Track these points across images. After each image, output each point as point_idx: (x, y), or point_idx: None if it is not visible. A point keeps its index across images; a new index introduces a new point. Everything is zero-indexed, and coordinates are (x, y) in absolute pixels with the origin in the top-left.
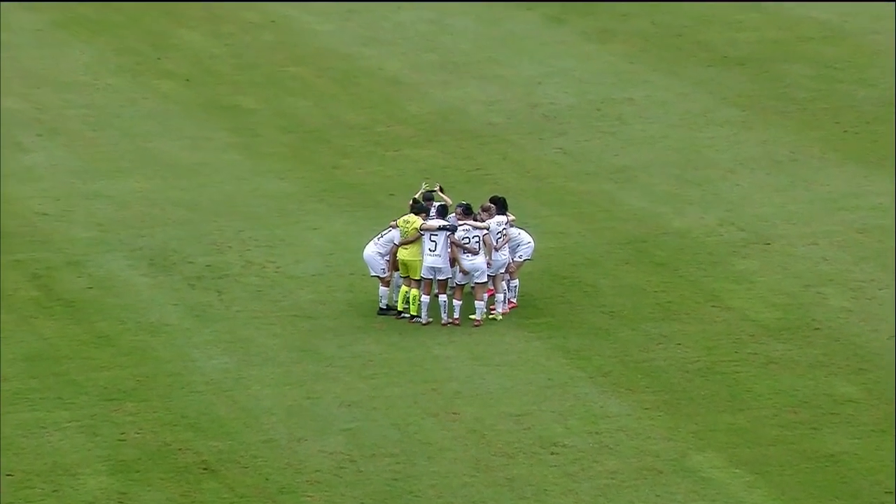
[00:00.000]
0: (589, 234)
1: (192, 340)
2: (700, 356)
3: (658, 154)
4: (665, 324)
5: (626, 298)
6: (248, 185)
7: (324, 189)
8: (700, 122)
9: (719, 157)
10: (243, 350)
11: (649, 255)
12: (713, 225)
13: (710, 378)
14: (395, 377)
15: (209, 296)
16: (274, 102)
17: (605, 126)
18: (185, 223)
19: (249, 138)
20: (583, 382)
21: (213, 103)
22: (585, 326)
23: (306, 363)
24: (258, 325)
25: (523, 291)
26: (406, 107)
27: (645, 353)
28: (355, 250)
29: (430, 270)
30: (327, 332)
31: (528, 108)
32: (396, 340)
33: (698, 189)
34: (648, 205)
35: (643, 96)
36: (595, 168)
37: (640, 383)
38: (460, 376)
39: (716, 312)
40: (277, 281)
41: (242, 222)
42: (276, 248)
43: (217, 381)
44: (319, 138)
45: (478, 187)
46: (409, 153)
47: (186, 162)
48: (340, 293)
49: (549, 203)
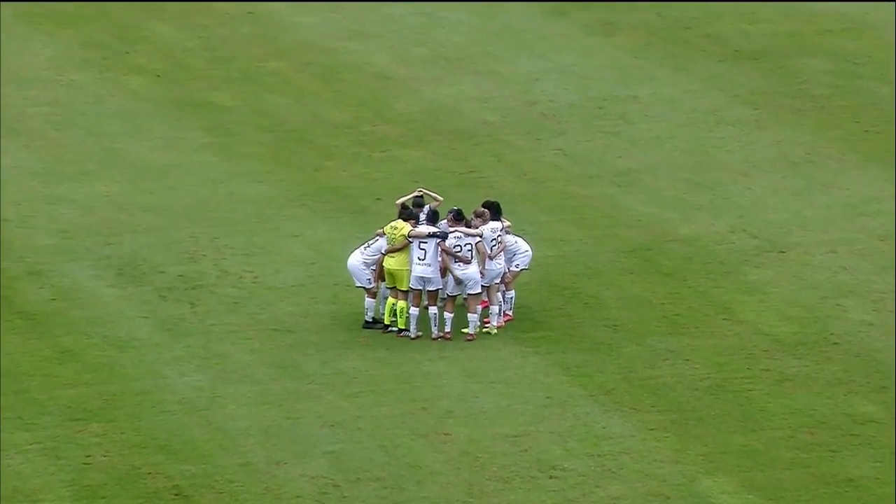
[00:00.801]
0: (590, 241)
1: (163, 356)
2: (710, 373)
3: (665, 156)
4: (672, 338)
5: (631, 311)
6: (223, 188)
7: (305, 193)
8: (710, 121)
9: (730, 158)
10: (218, 366)
11: (655, 264)
12: (724, 232)
13: (720, 396)
14: (381, 395)
15: (182, 308)
16: (252, 99)
17: (608, 126)
18: (155, 230)
19: (225, 138)
20: (584, 401)
21: (186, 100)
22: (587, 341)
23: (286, 380)
24: (234, 340)
25: (520, 303)
26: (394, 105)
27: (651, 369)
28: (339, 259)
29: (419, 281)
30: (309, 347)
31: (526, 106)
32: (383, 356)
33: (708, 193)
34: (654, 210)
35: (649, 93)
36: (597, 171)
37: (645, 402)
38: (452, 394)
39: (727, 326)
40: (255, 292)
41: (217, 229)
42: (253, 256)
43: (190, 400)
44: (301, 138)
45: (471, 191)
46: (397, 154)
47: (157, 163)
48: (323, 305)
49: (547, 208)
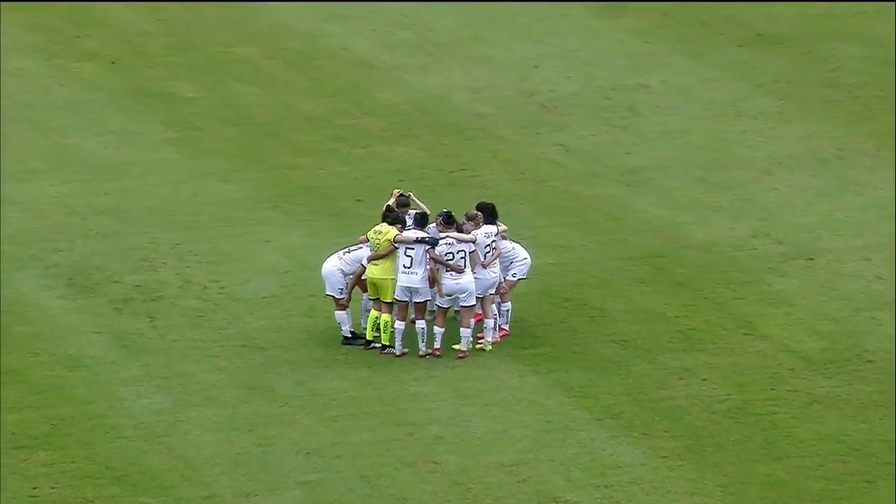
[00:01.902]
0: (596, 247)
1: (119, 376)
2: (729, 394)
3: (679, 152)
4: (687, 355)
5: (641, 325)
6: (186, 188)
7: (277, 194)
8: (729, 113)
9: (752, 155)
10: (181, 387)
11: (668, 272)
12: (745, 237)
13: (741, 420)
14: (363, 420)
15: (139, 322)
16: (217, 90)
17: (616, 118)
18: (110, 235)
19: (188, 133)
20: (589, 426)
21: (144, 91)
22: (592, 358)
23: (256, 403)
24: (198, 358)
25: (517, 316)
26: (376, 95)
27: (663, 390)
28: (314, 267)
29: (406, 291)
30: (282, 366)
31: (523, 96)
32: (365, 375)
33: (727, 193)
34: (667, 212)
35: (660, 82)
36: (603, 168)
37: (657, 426)
38: (442, 418)
39: (748, 342)
40: (222, 304)
41: (179, 234)
42: (219, 264)
43: (149, 425)
44: (272, 133)
45: (463, 191)
46: (379, 150)
47: (112, 161)
48: (298, 319)
49: (548, 210)
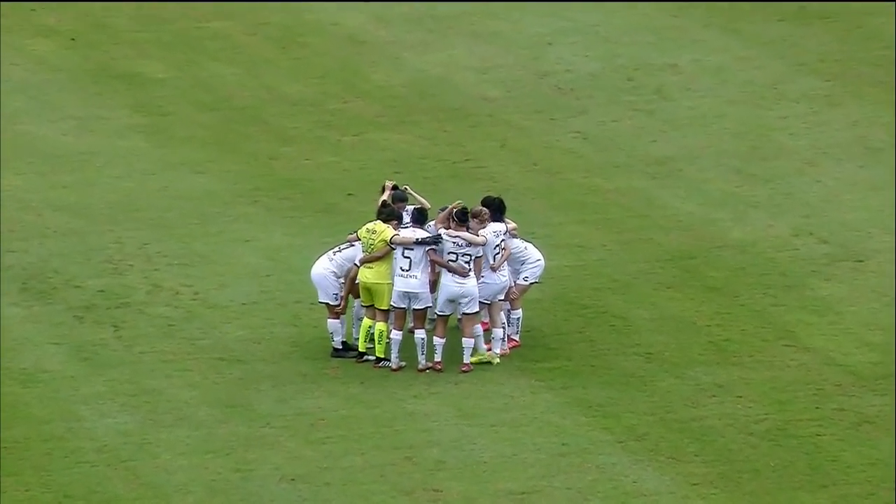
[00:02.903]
0: (618, 248)
1: (80, 392)
2: (768, 413)
3: (711, 140)
4: (721, 369)
5: (669, 335)
6: (155, 181)
7: (258, 187)
8: (769, 96)
9: (794, 143)
10: (149, 406)
11: (700, 276)
12: (786, 235)
13: (781, 443)
14: (354, 442)
15: (103, 332)
16: (190, 70)
17: (640, 102)
18: (69, 233)
19: (157, 118)
20: (609, 448)
21: (108, 71)
22: (613, 373)
23: (235, 423)
24: (169, 372)
25: (529, 325)
26: (370, 75)
27: (693, 408)
28: (300, 270)
29: (403, 297)
30: (263, 381)
31: (536, 77)
32: (357, 392)
33: (766, 187)
34: (698, 208)
35: (691, 61)
36: (626, 159)
37: (686, 450)
38: (444, 441)
39: (789, 354)
40: (195, 312)
41: (148, 232)
42: (193, 266)
43: (113, 448)
44: (252, 118)
45: (467, 185)
46: (373, 138)
47: (72, 150)
48: (281, 328)
49: (563, 206)
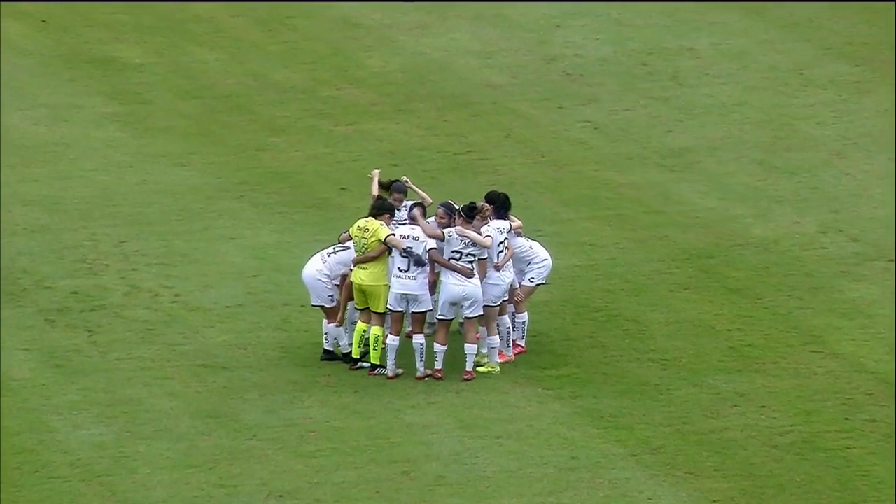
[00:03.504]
0: (631, 246)
1: (52, 402)
2: (794, 424)
3: (732, 129)
4: (742, 377)
5: (686, 340)
6: (132, 174)
7: (244, 181)
8: (794, 82)
9: (822, 133)
10: (126, 416)
11: (719, 276)
12: (812, 233)
13: (808, 456)
14: (347, 455)
15: (76, 337)
16: (171, 54)
17: (655, 89)
18: (40, 230)
19: (135, 107)
20: (622, 462)
21: (82, 55)
22: (626, 381)
23: (218, 435)
24: (148, 380)
25: (535, 329)
26: (364, 61)
27: (713, 419)
28: (290, 270)
29: (401, 300)
30: (250, 390)
31: (543, 62)
32: (350, 402)
33: (791, 180)
34: (718, 203)
35: (710, 45)
36: (640, 150)
37: (705, 464)
38: (444, 454)
39: (817, 360)
40: (176, 315)
41: (125, 229)
42: (174, 266)
43: (87, 462)
44: (237, 107)
45: (469, 178)
46: (368, 128)
47: (43, 141)
48: (269, 333)
49: (573, 201)
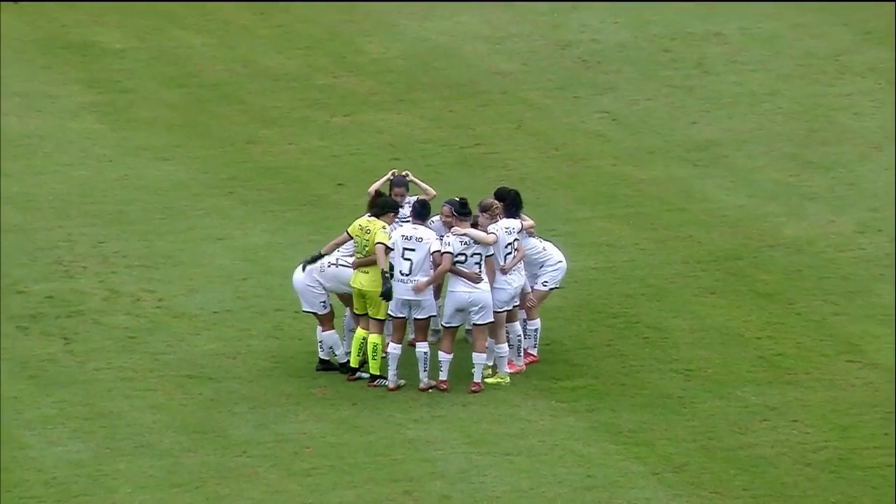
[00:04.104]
0: (653, 246)
1: (24, 416)
2: (828, 440)
3: (762, 121)
4: (773, 389)
5: (712, 349)
6: (112, 169)
7: (233, 176)
8: (829, 69)
9: (860, 125)
10: (105, 431)
11: (748, 280)
12: (849, 233)
13: (844, 475)
14: (345, 474)
15: (51, 345)
16: (154, 39)
17: (678, 77)
18: (12, 230)
19: (115, 95)
20: (642, 481)
21: (58, 40)
22: (647, 393)
23: (205, 452)
24: (129, 392)
25: (549, 337)
26: (363, 46)
27: (741, 434)
28: (282, 273)
29: (404, 305)
30: (239, 403)
31: (557, 48)
32: (348, 416)
33: (826, 176)
34: (747, 201)
35: (738, 29)
36: (662, 143)
37: (732, 483)
38: (449, 472)
39: (853, 371)
40: (160, 321)
41: (104, 229)
42: (157, 268)
43: (63, 481)
44: (226, 96)
45: (477, 173)
46: (367, 119)
47: (14, 133)
48: (260, 341)
49: (589, 198)
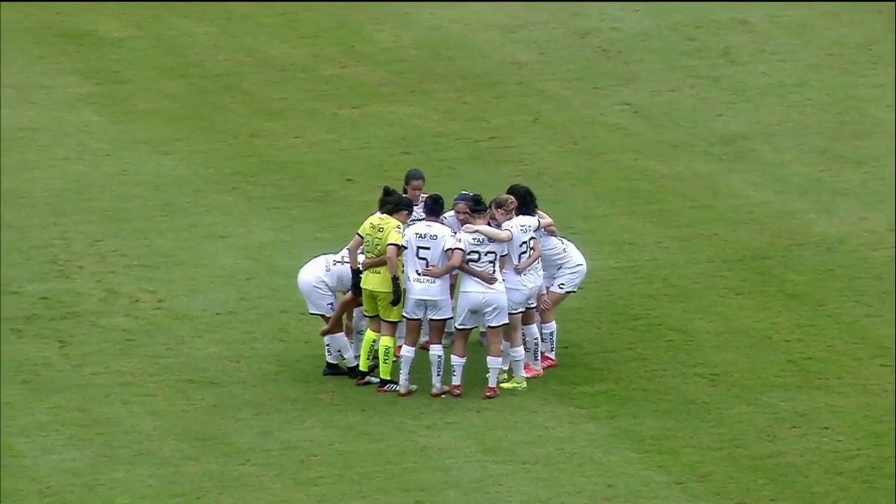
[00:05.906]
0: (676, 245)
1: (18, 423)
2: (861, 448)
3: (790, 113)
4: (803, 394)
5: (739, 352)
6: (110, 164)
7: (236, 171)
8: (861, 59)
9: (892, 117)
10: (102, 438)
11: (776, 280)
12: (881, 231)
13: (877, 485)
14: (354, 483)
15: (46, 348)
16: (153, 28)
17: (703, 67)
18: (5, 228)
19: (112, 87)
20: (666, 491)
21: (53, 29)
22: (670, 398)
23: (207, 460)
24: (127, 397)
25: (566, 340)
26: (373, 35)
27: (769, 442)
28: (288, 272)
29: (419, 306)
30: (243, 408)
31: (576, 36)
32: (357, 422)
33: (857, 171)
34: (774, 197)
35: (765, 17)
36: (686, 137)
37: (760, 493)
38: (463, 481)
39: (886, 375)
40: (160, 323)
41: (101, 226)
42: (157, 268)
43: (58, 491)
44: (228, 87)
45: (492, 168)
46: (377, 111)
47: (8, 126)
48: (264, 344)
49: (609, 194)
